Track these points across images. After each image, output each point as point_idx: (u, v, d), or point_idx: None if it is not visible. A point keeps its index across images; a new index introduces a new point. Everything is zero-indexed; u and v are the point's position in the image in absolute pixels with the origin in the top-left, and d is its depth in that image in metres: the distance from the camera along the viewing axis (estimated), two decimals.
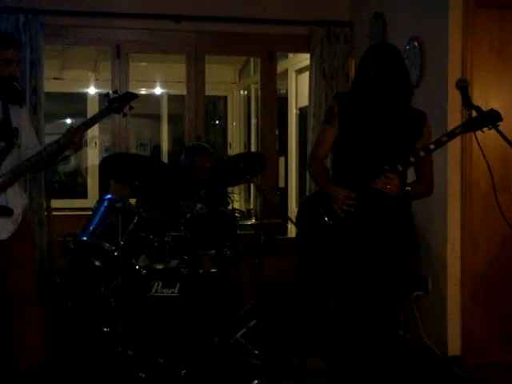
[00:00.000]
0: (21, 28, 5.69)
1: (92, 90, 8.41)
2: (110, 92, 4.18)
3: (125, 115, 4.20)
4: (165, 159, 8.43)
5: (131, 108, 4.16)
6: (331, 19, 6.34)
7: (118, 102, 4.11)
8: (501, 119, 3.38)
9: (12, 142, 3.98)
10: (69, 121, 8.87)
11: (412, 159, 3.56)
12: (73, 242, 4.86)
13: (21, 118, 4.14)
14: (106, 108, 4.10)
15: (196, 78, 6.44)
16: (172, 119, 8.67)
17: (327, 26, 6.31)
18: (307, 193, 6.34)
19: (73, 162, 9.26)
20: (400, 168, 3.55)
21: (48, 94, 6.03)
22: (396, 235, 3.68)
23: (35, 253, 4.53)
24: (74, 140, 3.98)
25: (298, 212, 3.97)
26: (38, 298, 4.17)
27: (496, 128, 3.37)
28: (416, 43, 5.10)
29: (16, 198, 4.06)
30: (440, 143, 3.52)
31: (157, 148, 8.70)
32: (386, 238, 3.66)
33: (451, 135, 3.52)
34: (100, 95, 8.05)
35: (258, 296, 5.15)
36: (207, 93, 6.80)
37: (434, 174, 3.77)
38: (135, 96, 4.23)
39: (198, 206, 4.98)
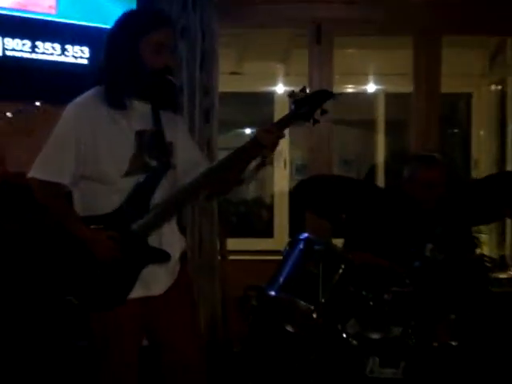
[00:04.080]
0: (189, 8, 5.00)
1: (280, 89, 7.18)
2: (296, 90, 3.43)
3: (315, 122, 3.39)
4: (381, 183, 7.42)
5: (325, 112, 3.37)
6: None
7: (307, 105, 3.38)
8: None
9: (168, 162, 3.34)
10: (248, 131, 7.87)
11: None
12: (256, 297, 4.33)
13: (176, 128, 3.49)
14: (292, 113, 3.40)
15: (427, 69, 5.48)
16: (391, 127, 7.34)
17: None
18: None
19: (253, 187, 8.60)
20: None
21: (222, 94, 5.37)
22: None
23: (199, 315, 4.37)
24: (266, 143, 3.26)
25: None
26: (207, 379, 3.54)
27: None
28: None
29: (174, 239, 3.40)
30: None
31: (372, 168, 7.82)
32: None
33: None
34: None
35: None
36: (443, 90, 5.72)
37: None
38: (331, 95, 3.47)
39: (429, 246, 4.28)
